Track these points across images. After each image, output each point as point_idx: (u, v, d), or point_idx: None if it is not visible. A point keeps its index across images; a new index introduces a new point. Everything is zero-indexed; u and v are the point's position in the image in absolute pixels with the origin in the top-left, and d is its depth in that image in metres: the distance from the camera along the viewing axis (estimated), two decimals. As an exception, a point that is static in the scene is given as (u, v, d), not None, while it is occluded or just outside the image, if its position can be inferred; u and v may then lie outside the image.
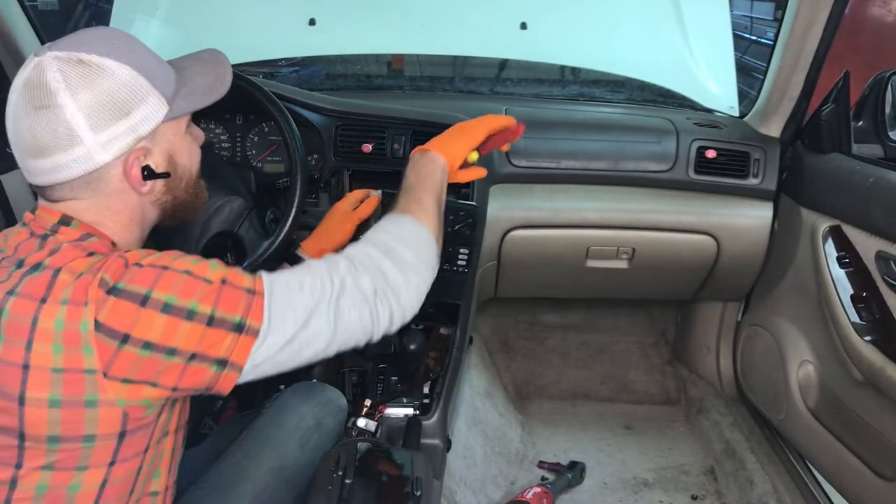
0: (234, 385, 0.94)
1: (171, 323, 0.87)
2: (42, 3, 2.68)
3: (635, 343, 2.60)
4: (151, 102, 0.96)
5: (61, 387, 0.86)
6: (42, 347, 0.85)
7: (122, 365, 0.87)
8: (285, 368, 0.97)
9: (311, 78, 2.41)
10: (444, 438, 1.55)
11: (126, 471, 0.94)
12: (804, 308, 1.81)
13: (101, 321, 0.85)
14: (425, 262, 1.09)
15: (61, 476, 0.90)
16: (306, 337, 0.96)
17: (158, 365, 0.88)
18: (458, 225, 1.62)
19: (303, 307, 0.96)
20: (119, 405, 0.88)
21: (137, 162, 0.97)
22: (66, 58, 0.92)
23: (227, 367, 0.92)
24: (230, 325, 0.90)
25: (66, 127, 0.90)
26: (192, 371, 0.90)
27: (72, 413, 0.87)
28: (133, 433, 0.92)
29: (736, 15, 4.36)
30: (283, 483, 1.21)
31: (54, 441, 0.88)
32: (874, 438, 1.56)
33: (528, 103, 2.18)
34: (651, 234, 1.97)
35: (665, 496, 1.98)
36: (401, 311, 1.04)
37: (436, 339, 1.66)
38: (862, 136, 1.75)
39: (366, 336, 1.03)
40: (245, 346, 0.91)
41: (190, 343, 0.89)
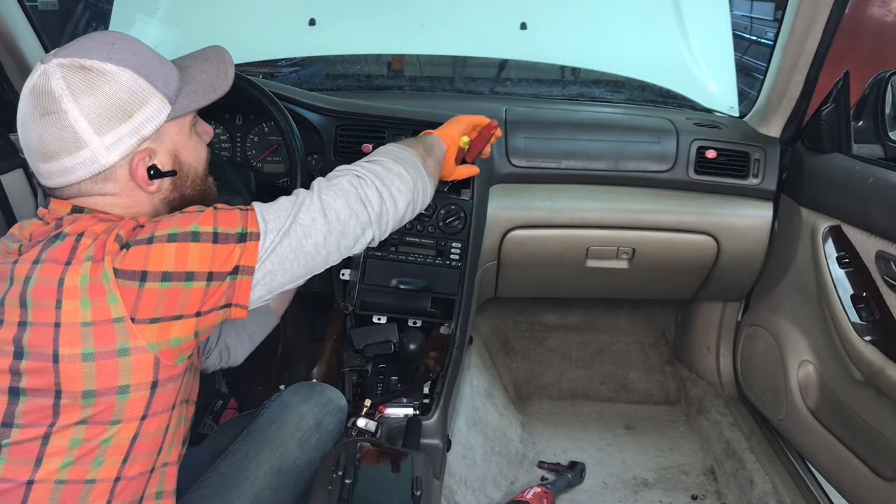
0: (249, 292, 0.98)
1: (181, 248, 0.93)
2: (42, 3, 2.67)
3: (635, 343, 2.60)
4: (153, 104, 0.99)
5: (92, 340, 0.90)
6: (70, 304, 0.90)
7: (146, 304, 0.91)
8: (295, 270, 1.02)
9: (311, 78, 2.41)
10: (444, 438, 1.55)
11: (155, 426, 0.98)
12: (804, 308, 1.81)
13: (118, 268, 0.91)
14: (406, 160, 1.16)
15: (95, 430, 0.93)
16: (301, 230, 1.02)
17: (180, 294, 0.93)
18: (449, 219, 1.63)
19: (290, 205, 1.03)
20: (150, 349, 0.93)
21: (143, 162, 1.00)
22: (70, 64, 0.95)
23: (240, 273, 0.97)
24: (234, 236, 0.96)
25: (71, 131, 0.94)
26: (213, 290, 0.95)
27: (105, 365, 0.91)
28: (164, 384, 0.96)
29: (736, 15, 4.36)
30: (283, 483, 1.22)
31: (89, 395, 0.91)
32: (874, 438, 1.56)
33: (528, 103, 2.18)
34: (651, 234, 1.97)
35: (665, 496, 1.98)
36: (388, 192, 1.10)
37: (436, 339, 1.66)
38: (862, 136, 1.75)
39: (362, 223, 1.08)
40: (252, 250, 0.97)
41: (204, 263, 0.94)
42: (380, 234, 1.11)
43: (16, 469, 0.91)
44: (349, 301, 1.66)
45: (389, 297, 1.64)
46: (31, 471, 0.91)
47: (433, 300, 1.67)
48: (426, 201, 1.20)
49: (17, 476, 0.91)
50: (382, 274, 1.62)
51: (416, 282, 1.64)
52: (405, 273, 1.64)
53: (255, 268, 0.97)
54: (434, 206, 1.62)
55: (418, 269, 1.64)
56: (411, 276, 1.64)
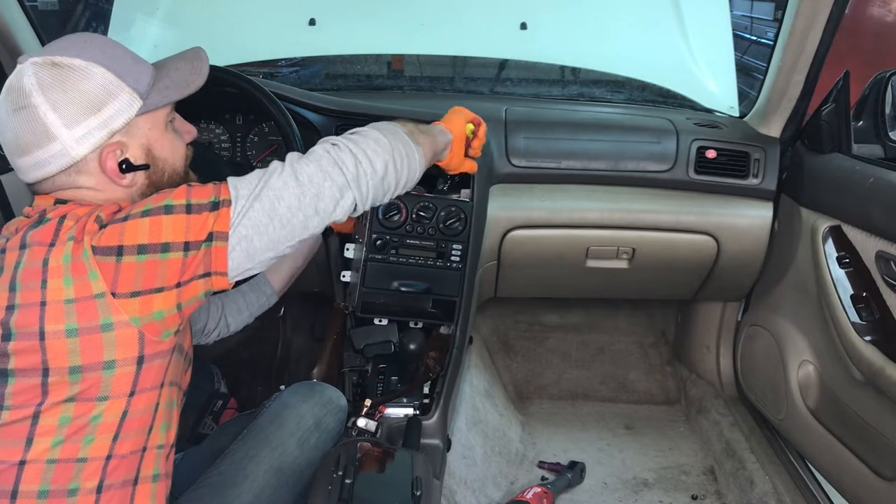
0: (226, 258, 0.98)
1: (154, 221, 0.95)
2: (42, 3, 2.68)
3: (635, 343, 2.60)
4: (123, 98, 1.01)
5: (75, 315, 0.92)
6: (54, 283, 0.92)
7: (125, 278, 0.93)
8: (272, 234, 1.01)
9: (311, 78, 2.41)
10: (444, 438, 1.55)
11: (144, 404, 0.99)
12: (804, 308, 1.81)
13: (95, 245, 0.93)
14: (385, 129, 1.14)
15: (84, 407, 0.94)
16: (273, 193, 1.01)
17: (158, 266, 0.94)
18: (449, 220, 1.63)
19: (261, 173, 1.03)
20: (134, 324, 0.94)
21: (112, 156, 1.02)
22: (42, 62, 0.99)
23: (215, 239, 0.97)
24: (207, 206, 0.98)
25: (41, 124, 0.97)
26: (190, 259, 0.96)
27: (89, 340, 0.92)
28: (151, 360, 0.97)
29: (736, 15, 4.36)
30: (283, 482, 1.22)
31: (76, 371, 0.93)
32: (874, 438, 1.56)
33: (528, 103, 2.18)
34: (651, 234, 1.97)
35: (665, 496, 1.98)
36: (364, 154, 1.08)
37: (436, 339, 1.66)
38: (862, 136, 1.75)
39: (338, 185, 1.05)
40: (224, 216, 0.98)
41: (178, 233, 0.95)
42: (361, 197, 1.08)
43: (8, 450, 0.93)
44: (350, 302, 1.66)
45: (390, 299, 1.64)
46: (22, 451, 0.93)
47: (434, 302, 1.66)
48: (413, 168, 1.17)
49: (9, 457, 0.93)
50: (383, 277, 1.62)
51: (417, 284, 1.64)
52: (406, 275, 1.64)
53: (228, 233, 0.98)
54: (434, 207, 1.62)
55: (419, 271, 1.64)
56: (412, 279, 1.64)
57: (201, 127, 1.82)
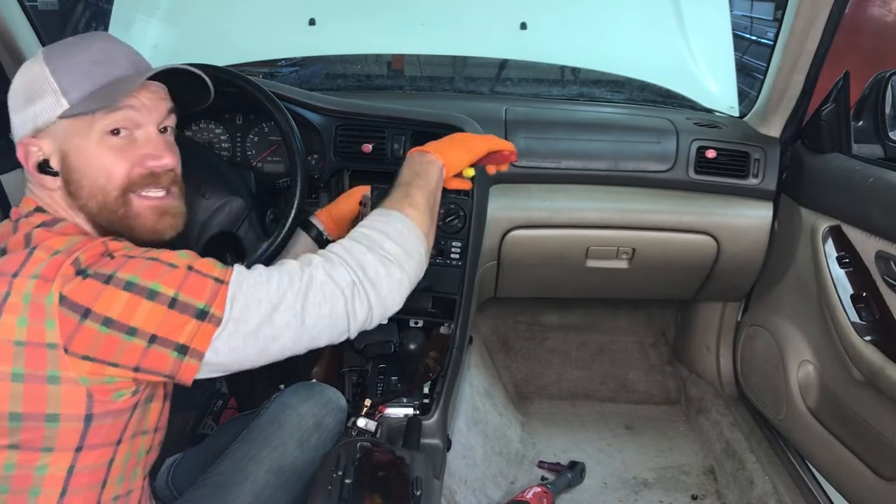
0: (195, 375, 0.93)
1: (132, 301, 0.88)
2: (42, 3, 2.67)
3: (635, 343, 2.60)
4: (49, 97, 0.99)
5: (24, 360, 0.87)
6: (8, 320, 0.87)
7: (82, 341, 0.87)
8: (252, 364, 0.97)
9: (311, 78, 2.41)
10: (444, 438, 1.55)
11: (95, 459, 0.93)
12: (804, 308, 1.81)
13: (65, 294, 0.87)
14: (410, 256, 1.05)
15: (27, 456, 0.90)
16: (271, 332, 0.94)
17: (118, 344, 0.88)
18: (448, 218, 1.63)
19: (267, 300, 0.94)
20: (82, 383, 0.89)
21: (32, 154, 1.00)
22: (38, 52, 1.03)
23: (189, 355, 0.91)
24: (193, 310, 0.90)
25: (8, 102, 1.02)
26: (154, 355, 0.90)
27: (34, 388, 0.88)
28: (101, 418, 0.92)
29: (736, 15, 4.35)
30: (283, 482, 1.21)
31: (16, 418, 0.88)
32: (874, 438, 1.56)
33: (528, 103, 2.18)
34: (651, 234, 1.96)
35: (665, 496, 1.98)
36: (381, 305, 1.01)
37: (436, 339, 1.66)
38: (862, 136, 1.75)
39: (339, 332, 1.00)
40: (206, 334, 0.91)
41: (150, 324, 0.89)
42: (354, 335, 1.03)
43: None
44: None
45: None
46: None
47: (434, 300, 1.66)
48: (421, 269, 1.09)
49: None
50: None
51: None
52: None
53: (205, 354, 0.91)
54: None
55: None
56: None
57: (201, 127, 1.82)
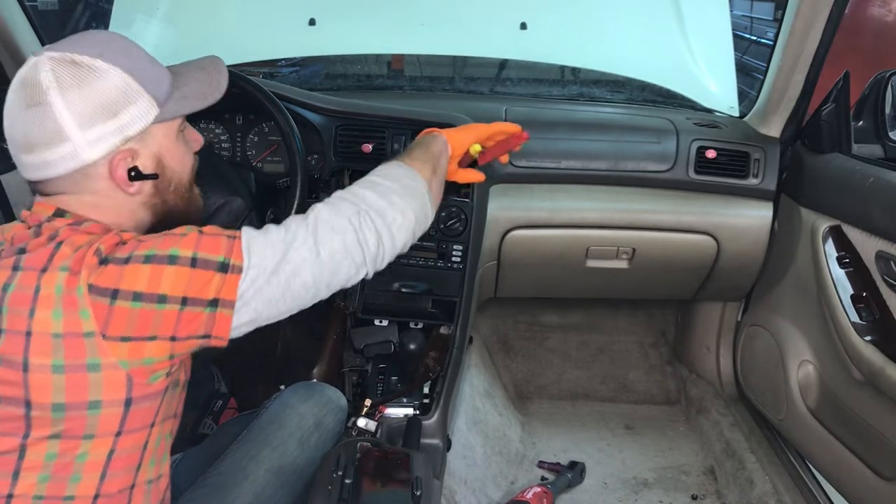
0: (229, 328, 0.95)
1: (155, 270, 0.90)
2: (42, 3, 2.67)
3: (635, 343, 2.60)
4: (141, 104, 0.98)
5: (63, 352, 0.88)
6: (43, 314, 0.88)
7: (117, 322, 0.89)
8: (281, 308, 0.99)
9: (311, 78, 2.41)
10: (444, 438, 1.55)
11: (132, 443, 0.96)
12: (804, 308, 1.81)
13: (92, 283, 0.89)
14: (411, 191, 1.10)
15: (69, 444, 0.91)
16: (290, 268, 0.97)
17: (152, 316, 0.90)
18: (450, 221, 1.63)
19: (280, 241, 0.98)
20: (122, 367, 0.90)
21: (123, 163, 0.98)
22: (60, 58, 0.94)
23: (220, 306, 0.93)
24: (215, 264, 0.93)
25: (55, 124, 0.93)
26: (188, 318, 0.92)
27: (75, 378, 0.89)
28: (139, 402, 0.94)
29: (736, 15, 4.35)
30: (284, 482, 1.21)
31: (59, 409, 0.89)
32: (874, 438, 1.56)
33: (528, 103, 2.18)
34: (651, 234, 1.97)
35: (665, 496, 1.98)
36: (389, 234, 1.05)
37: (436, 339, 1.66)
38: (862, 136, 1.75)
39: (356, 263, 1.03)
40: (232, 283, 0.93)
41: (178, 287, 0.91)
42: (374, 270, 1.07)
43: None
44: (350, 303, 1.66)
45: (391, 299, 1.64)
46: (9, 484, 0.90)
47: (434, 302, 1.66)
48: (427, 225, 1.15)
49: None
50: (384, 277, 1.62)
51: (418, 284, 1.64)
52: (406, 276, 1.63)
53: (235, 303, 0.94)
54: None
55: (419, 271, 1.64)
56: (412, 279, 1.64)
57: (201, 127, 1.82)
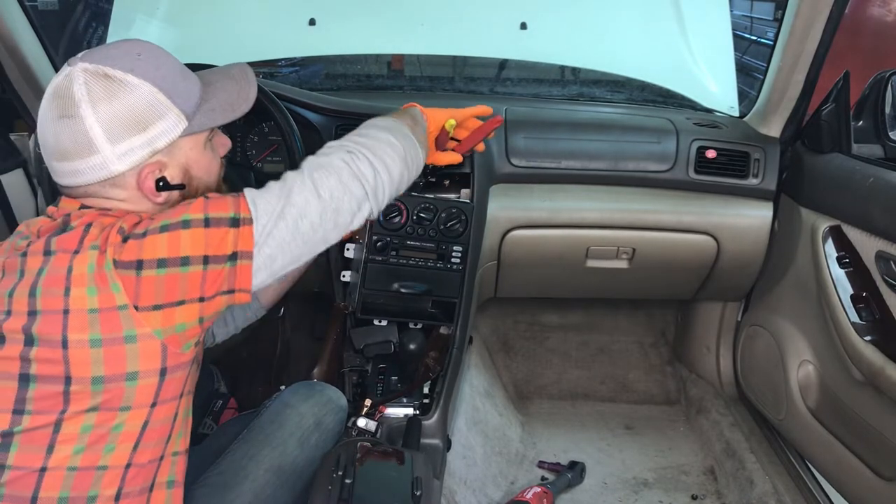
0: (251, 277, 0.99)
1: (172, 236, 0.95)
2: (42, 3, 2.67)
3: (635, 343, 2.60)
4: (170, 118, 1.02)
5: (99, 326, 0.93)
6: (78, 291, 0.92)
7: (146, 291, 0.94)
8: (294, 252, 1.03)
9: (311, 78, 2.41)
10: (444, 438, 1.55)
11: (165, 413, 1.00)
12: (804, 308, 1.81)
13: (117, 259, 0.94)
14: (395, 131, 1.16)
15: (105, 416, 0.95)
16: (296, 210, 1.02)
17: (178, 279, 0.95)
18: (450, 222, 1.63)
19: (280, 190, 1.03)
20: (157, 336, 0.95)
21: (151, 175, 1.03)
22: (94, 70, 0.99)
23: (239, 258, 0.98)
24: (227, 220, 0.98)
25: (85, 136, 0.98)
26: (212, 276, 0.97)
27: (113, 351, 0.93)
28: (173, 372, 0.98)
29: (736, 15, 4.35)
30: (284, 481, 1.22)
31: (98, 382, 0.93)
32: (874, 438, 1.56)
33: (528, 103, 2.18)
34: (651, 234, 1.97)
35: (665, 496, 1.98)
36: (381, 163, 1.10)
37: (436, 339, 1.66)
38: (862, 136, 1.75)
39: (357, 198, 1.07)
40: (247, 234, 0.98)
41: (197, 247, 0.96)
42: (377, 206, 1.11)
43: (28, 456, 0.93)
44: (350, 303, 1.66)
45: (390, 300, 1.64)
46: (43, 458, 0.93)
47: (434, 303, 1.66)
48: (419, 169, 1.21)
49: (29, 463, 0.93)
50: (383, 278, 1.62)
51: (417, 285, 1.64)
52: (406, 277, 1.63)
53: (253, 252, 0.99)
54: (435, 209, 1.62)
55: (419, 272, 1.64)
56: (412, 280, 1.64)
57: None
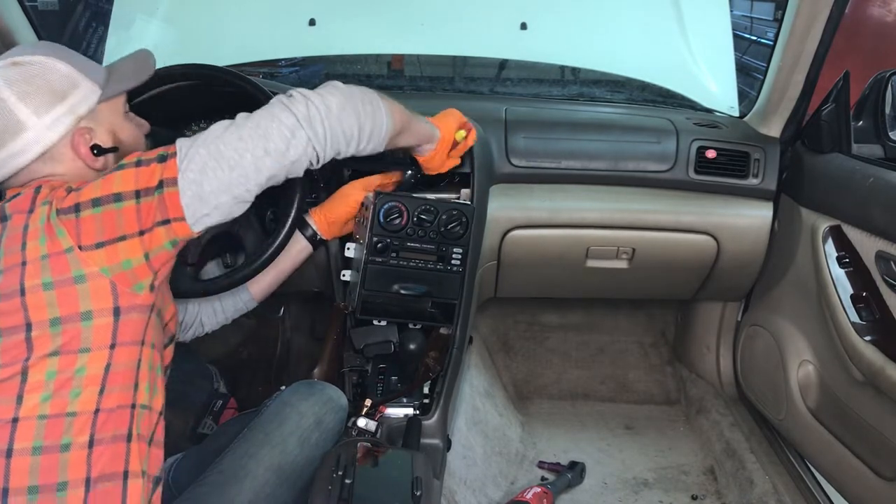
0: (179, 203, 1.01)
1: (107, 178, 1.02)
2: (42, 3, 2.67)
3: (635, 343, 2.60)
4: (85, 86, 1.11)
5: (50, 270, 0.98)
6: (32, 243, 0.99)
7: (87, 230, 0.99)
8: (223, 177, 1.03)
9: (311, 78, 2.41)
10: (444, 438, 1.55)
11: (126, 357, 1.02)
12: (804, 308, 1.81)
13: (59, 208, 1.00)
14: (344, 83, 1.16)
15: (67, 360, 0.98)
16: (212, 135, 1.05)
17: (114, 215, 1.00)
18: (451, 224, 1.63)
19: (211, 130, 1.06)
20: (104, 274, 0.99)
21: (83, 139, 1.10)
22: (3, 64, 1.08)
23: (165, 186, 1.01)
24: (155, 159, 1.03)
25: (12, 116, 1.05)
26: (145, 208, 1.01)
27: (65, 292, 0.98)
28: (128, 312, 1.01)
29: (736, 15, 4.35)
30: (284, 481, 1.22)
31: (56, 323, 0.97)
32: (874, 438, 1.56)
33: (528, 103, 2.18)
34: (651, 234, 1.97)
35: (665, 496, 1.98)
36: (317, 97, 1.10)
37: (436, 339, 1.66)
38: (862, 136, 1.75)
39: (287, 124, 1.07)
40: (171, 165, 1.02)
41: (128, 183, 1.01)
42: (315, 137, 1.09)
43: (1, 408, 0.96)
44: (350, 303, 1.66)
45: (390, 301, 1.64)
46: (14, 409, 0.96)
47: (433, 304, 1.66)
48: (379, 120, 1.18)
49: (2, 415, 0.96)
50: (383, 279, 1.62)
51: (417, 287, 1.64)
52: (406, 278, 1.63)
53: (177, 178, 1.01)
54: (436, 211, 1.61)
55: (419, 274, 1.63)
56: (412, 281, 1.64)
57: (201, 127, 1.81)
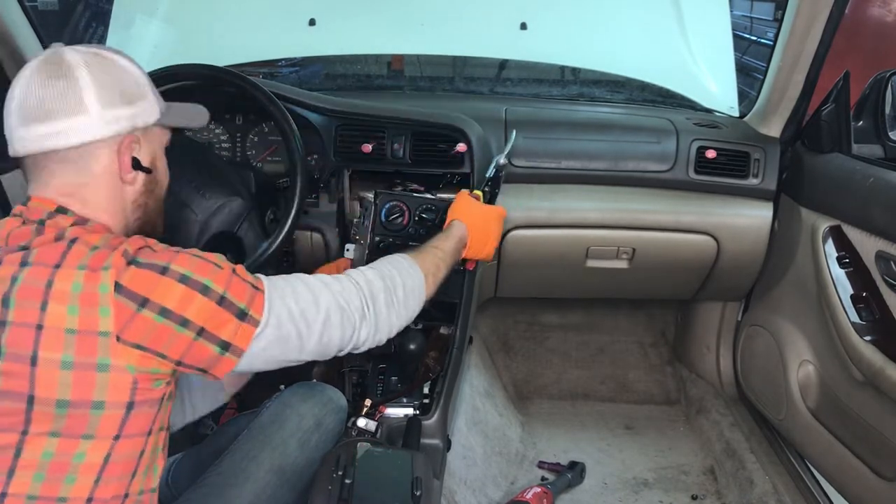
0: (230, 370, 1.01)
1: (188, 294, 0.94)
2: (42, 3, 2.67)
3: (635, 343, 2.60)
4: (150, 100, 1.08)
5: (74, 348, 0.89)
6: (57, 308, 0.89)
7: (136, 329, 0.92)
8: (273, 366, 1.08)
9: (311, 78, 2.41)
10: (444, 438, 1.55)
11: (129, 448, 0.96)
12: (804, 308, 1.81)
13: (121, 283, 0.91)
14: (409, 309, 1.25)
15: (67, 443, 0.91)
16: (298, 343, 1.06)
17: (169, 334, 0.94)
18: None
19: (298, 313, 1.06)
20: (129, 371, 0.92)
21: (129, 149, 1.04)
22: (84, 50, 1.03)
23: (230, 351, 0.99)
24: (236, 309, 0.98)
25: (77, 96, 0.98)
26: (198, 348, 0.96)
27: (83, 376, 0.90)
28: (140, 407, 0.95)
29: (736, 15, 4.35)
30: (284, 482, 1.21)
31: (63, 405, 0.90)
32: (874, 438, 1.56)
33: (528, 103, 2.18)
34: (651, 234, 1.97)
35: (665, 496, 1.98)
36: (376, 339, 1.19)
37: (436, 339, 1.66)
38: (862, 136, 1.75)
39: (339, 349, 1.15)
40: (247, 333, 0.99)
41: (201, 317, 0.95)
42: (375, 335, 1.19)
43: None
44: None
45: None
46: (4, 482, 0.90)
47: (434, 303, 1.66)
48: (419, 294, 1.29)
49: None
50: None
51: None
52: None
53: (244, 352, 1.00)
54: (436, 209, 1.62)
55: None
56: None
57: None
